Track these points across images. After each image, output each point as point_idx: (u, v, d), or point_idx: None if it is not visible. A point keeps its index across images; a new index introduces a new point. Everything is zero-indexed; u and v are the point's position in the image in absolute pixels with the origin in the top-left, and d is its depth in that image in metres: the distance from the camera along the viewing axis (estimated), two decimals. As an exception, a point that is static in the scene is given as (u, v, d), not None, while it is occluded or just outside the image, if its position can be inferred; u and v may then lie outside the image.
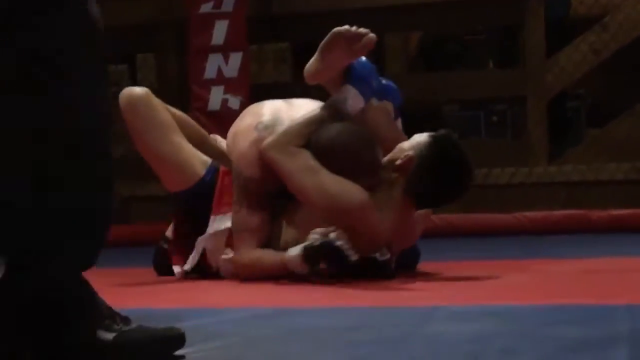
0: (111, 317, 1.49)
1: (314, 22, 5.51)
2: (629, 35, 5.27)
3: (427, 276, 2.85)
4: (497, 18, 5.70)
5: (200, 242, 2.92)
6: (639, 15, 5.37)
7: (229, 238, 2.88)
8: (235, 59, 5.18)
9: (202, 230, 2.92)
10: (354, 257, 2.58)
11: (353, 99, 2.74)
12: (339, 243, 2.59)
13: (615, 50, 5.31)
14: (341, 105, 2.75)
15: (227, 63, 5.19)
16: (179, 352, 1.50)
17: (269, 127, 2.84)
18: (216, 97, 5.15)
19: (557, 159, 5.40)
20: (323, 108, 2.77)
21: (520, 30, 5.85)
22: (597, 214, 4.73)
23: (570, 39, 5.48)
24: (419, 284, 2.68)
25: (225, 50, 5.20)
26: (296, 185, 2.72)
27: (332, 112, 2.76)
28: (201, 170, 2.97)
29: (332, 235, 2.60)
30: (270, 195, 2.84)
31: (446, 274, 2.87)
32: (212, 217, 2.93)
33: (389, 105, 2.91)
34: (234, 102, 5.08)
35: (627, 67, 5.68)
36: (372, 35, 2.67)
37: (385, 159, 2.76)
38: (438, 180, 2.73)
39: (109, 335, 1.44)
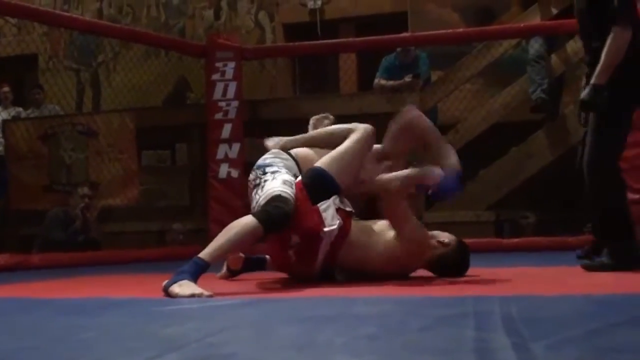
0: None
1: (282, 125, 5.78)
2: (471, 135, 6.48)
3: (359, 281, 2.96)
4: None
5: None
6: (477, 123, 6.56)
7: None
8: (236, 146, 6.11)
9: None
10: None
11: (434, 177, 2.98)
12: None
13: (463, 144, 6.21)
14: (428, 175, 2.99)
15: (230, 149, 6.09)
16: None
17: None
18: (223, 170, 6.10)
19: (429, 208, 6.28)
20: (416, 172, 3.03)
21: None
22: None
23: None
24: (351, 285, 2.84)
25: (229, 141, 6.12)
26: (395, 218, 2.98)
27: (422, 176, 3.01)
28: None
29: None
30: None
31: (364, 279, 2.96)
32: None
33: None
34: (234, 173, 6.03)
35: (466, 155, 5.27)
36: None
37: (438, 236, 3.07)
38: (454, 263, 3.09)
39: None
